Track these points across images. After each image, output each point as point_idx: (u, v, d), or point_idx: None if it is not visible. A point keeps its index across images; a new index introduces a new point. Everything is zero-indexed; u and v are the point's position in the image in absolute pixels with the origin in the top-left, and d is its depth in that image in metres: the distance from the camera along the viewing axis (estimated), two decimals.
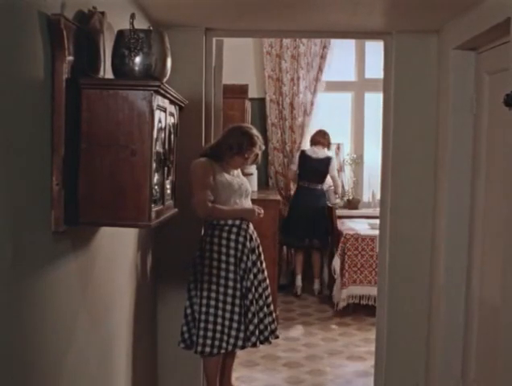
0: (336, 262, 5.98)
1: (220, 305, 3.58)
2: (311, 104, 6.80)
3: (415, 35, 3.61)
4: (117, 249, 2.84)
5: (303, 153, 6.58)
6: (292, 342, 5.21)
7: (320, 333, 5.50)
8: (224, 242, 3.63)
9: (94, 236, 2.41)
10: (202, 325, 3.58)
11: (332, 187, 6.75)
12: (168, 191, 2.43)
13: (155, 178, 2.17)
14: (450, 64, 3.35)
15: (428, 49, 3.62)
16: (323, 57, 6.76)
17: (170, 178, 2.45)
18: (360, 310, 5.90)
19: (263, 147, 3.81)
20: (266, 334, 3.72)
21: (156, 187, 2.20)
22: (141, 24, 2.96)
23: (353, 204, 6.99)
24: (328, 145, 6.56)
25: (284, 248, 6.82)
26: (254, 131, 3.75)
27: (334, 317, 5.94)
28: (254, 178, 5.89)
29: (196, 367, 3.85)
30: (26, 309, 1.78)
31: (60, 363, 2.09)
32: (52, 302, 1.99)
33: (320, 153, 6.50)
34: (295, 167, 6.61)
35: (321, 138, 6.52)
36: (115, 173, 2.05)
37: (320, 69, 6.77)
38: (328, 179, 6.67)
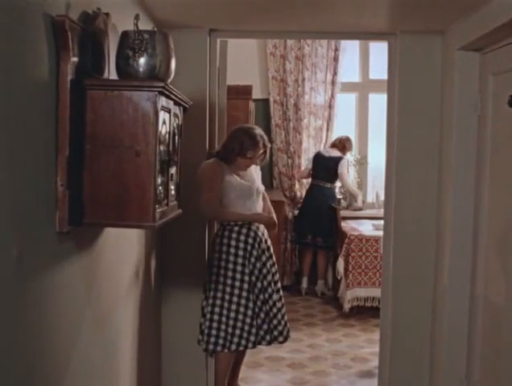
0: (340, 263, 5.97)
1: (226, 304, 3.64)
2: (329, 105, 6.85)
3: (420, 36, 3.60)
4: (122, 250, 2.84)
5: (317, 153, 6.71)
6: (296, 343, 5.21)
7: (324, 334, 5.50)
8: (233, 243, 3.69)
9: (98, 236, 2.41)
10: (207, 323, 3.66)
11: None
12: (172, 192, 2.43)
13: (159, 178, 2.17)
14: (454, 65, 3.34)
15: (433, 50, 3.61)
16: (335, 59, 6.78)
17: (174, 178, 2.45)
18: (364, 312, 5.89)
19: (268, 145, 3.81)
20: (276, 333, 3.77)
21: (160, 188, 2.20)
22: (145, 25, 2.97)
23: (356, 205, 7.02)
24: (342, 148, 6.65)
25: (288, 248, 6.83)
26: (257, 131, 3.75)
27: (338, 318, 5.94)
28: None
29: (200, 367, 3.85)
30: (30, 309, 1.79)
31: (65, 362, 2.10)
32: (57, 302, 1.99)
33: (333, 153, 6.60)
34: (310, 165, 6.72)
35: (336, 142, 6.70)
36: (119, 174, 2.05)
37: (335, 72, 6.80)
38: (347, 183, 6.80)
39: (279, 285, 3.85)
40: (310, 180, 6.76)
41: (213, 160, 3.68)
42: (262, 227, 3.81)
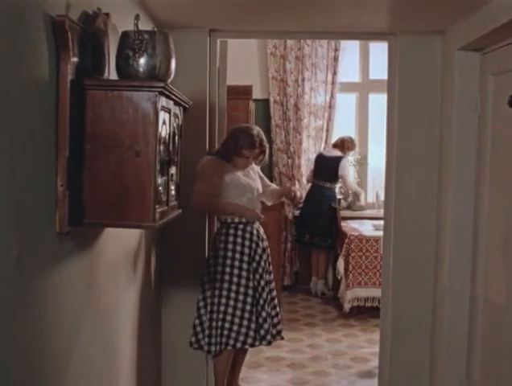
0: (340, 263, 5.98)
1: (232, 302, 3.62)
2: (329, 105, 6.85)
3: (420, 36, 3.60)
4: (122, 250, 2.84)
5: (319, 153, 6.74)
6: (296, 343, 5.21)
7: (324, 334, 5.50)
8: (239, 240, 3.68)
9: (98, 236, 2.41)
10: (214, 324, 3.61)
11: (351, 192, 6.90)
12: (172, 192, 2.43)
13: (160, 179, 2.17)
14: (454, 65, 3.34)
15: (433, 50, 3.61)
16: (335, 59, 6.78)
17: (174, 179, 2.45)
18: (364, 312, 5.89)
19: (267, 145, 3.80)
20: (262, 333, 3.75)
21: (160, 188, 2.20)
22: (145, 25, 2.97)
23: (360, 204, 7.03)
24: (344, 149, 6.65)
25: (289, 248, 6.84)
26: (254, 131, 3.73)
27: (338, 318, 5.94)
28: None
29: (200, 367, 3.85)
30: (30, 309, 1.79)
31: (65, 362, 2.10)
32: (56, 302, 1.99)
33: (334, 152, 6.61)
34: (312, 167, 6.73)
35: (338, 142, 6.70)
36: (119, 174, 2.05)
37: (335, 72, 6.79)
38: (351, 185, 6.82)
39: (273, 285, 3.84)
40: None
41: (213, 157, 3.68)
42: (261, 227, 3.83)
